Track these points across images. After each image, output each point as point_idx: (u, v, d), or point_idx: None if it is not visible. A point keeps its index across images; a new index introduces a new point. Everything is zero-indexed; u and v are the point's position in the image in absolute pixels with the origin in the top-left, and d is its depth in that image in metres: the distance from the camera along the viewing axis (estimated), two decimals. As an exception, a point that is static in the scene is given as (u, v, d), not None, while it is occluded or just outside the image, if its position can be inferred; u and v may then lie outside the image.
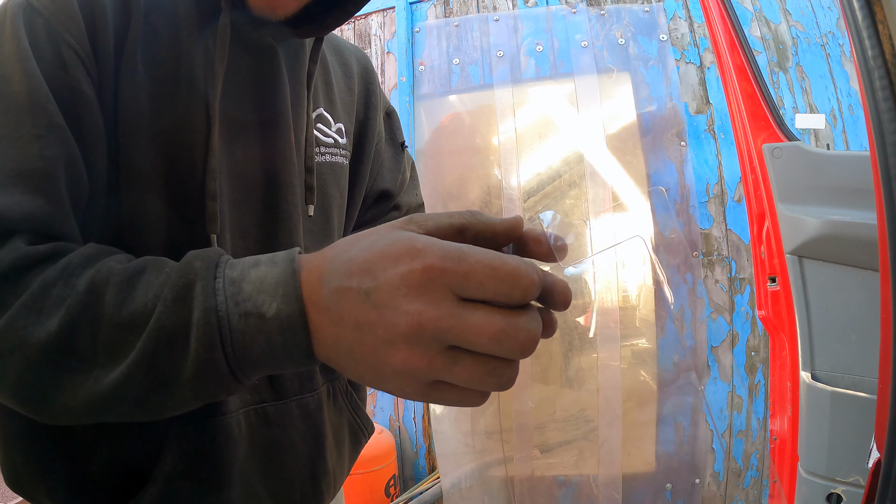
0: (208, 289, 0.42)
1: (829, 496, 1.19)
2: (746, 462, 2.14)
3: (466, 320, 0.35)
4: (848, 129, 2.11)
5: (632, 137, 2.20)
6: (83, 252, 0.48)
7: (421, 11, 2.48)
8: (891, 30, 0.47)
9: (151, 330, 0.42)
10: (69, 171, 0.51)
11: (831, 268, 1.21)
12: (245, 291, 0.41)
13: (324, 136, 0.72)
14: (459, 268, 0.35)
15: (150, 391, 0.43)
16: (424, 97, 2.39)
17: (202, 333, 0.41)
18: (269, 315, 0.40)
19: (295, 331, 0.40)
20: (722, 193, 2.16)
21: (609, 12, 2.27)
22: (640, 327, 2.17)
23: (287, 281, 0.40)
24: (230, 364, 0.41)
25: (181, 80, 0.57)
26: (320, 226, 0.71)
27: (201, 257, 0.44)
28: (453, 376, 0.37)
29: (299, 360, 0.41)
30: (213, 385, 0.42)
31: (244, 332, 0.41)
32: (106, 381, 0.43)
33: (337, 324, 0.39)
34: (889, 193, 0.47)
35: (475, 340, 0.35)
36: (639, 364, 2.17)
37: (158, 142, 0.56)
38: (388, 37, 2.52)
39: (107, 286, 0.44)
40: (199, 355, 0.41)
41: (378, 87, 0.85)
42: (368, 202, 0.84)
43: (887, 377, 0.52)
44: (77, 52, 0.52)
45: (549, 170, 2.27)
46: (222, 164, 0.59)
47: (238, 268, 0.43)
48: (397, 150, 0.88)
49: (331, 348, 0.40)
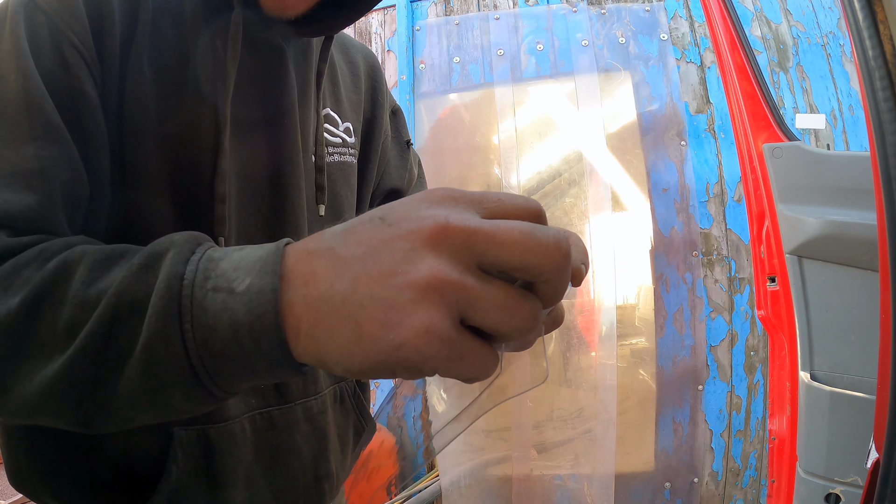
0: (180, 257, 0.37)
1: (828, 496, 1.19)
2: (745, 462, 2.14)
3: (498, 228, 0.31)
4: (848, 129, 2.11)
5: (632, 136, 2.20)
6: (65, 239, 0.45)
7: (421, 10, 2.48)
8: (891, 30, 0.47)
9: (110, 296, 0.37)
10: (67, 171, 0.50)
11: (831, 268, 1.21)
12: (221, 268, 0.36)
13: (331, 135, 0.71)
14: (484, 198, 0.33)
15: (100, 376, 0.37)
16: (425, 95, 2.39)
17: (159, 299, 0.35)
18: (240, 290, 0.34)
19: (264, 309, 0.33)
20: (722, 193, 2.16)
21: (610, 11, 2.27)
22: (639, 326, 2.17)
23: (268, 257, 0.35)
24: (187, 346, 0.35)
25: (188, 81, 0.56)
26: (331, 225, 0.70)
27: (185, 234, 0.40)
28: (487, 300, 0.31)
29: (269, 352, 0.34)
30: (164, 374, 0.35)
31: (209, 308, 0.34)
32: (59, 361, 0.37)
33: (332, 275, 0.32)
34: (889, 194, 0.47)
35: (508, 253, 0.31)
36: (638, 363, 2.17)
37: (165, 143, 0.55)
38: (388, 35, 2.52)
39: (79, 265, 0.40)
40: (150, 326, 0.35)
41: (384, 85, 0.84)
42: (376, 201, 0.84)
43: (886, 377, 0.52)
44: (80, 51, 0.51)
45: (549, 168, 2.27)
46: (230, 166, 0.59)
47: (222, 249, 0.38)
48: (403, 149, 0.88)
49: (317, 312, 0.32)
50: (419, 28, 2.45)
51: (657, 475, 2.16)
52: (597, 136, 2.21)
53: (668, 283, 2.15)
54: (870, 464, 0.64)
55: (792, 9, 2.18)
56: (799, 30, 2.16)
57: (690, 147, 2.17)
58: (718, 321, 2.14)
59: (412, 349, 0.31)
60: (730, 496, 2.14)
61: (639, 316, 2.18)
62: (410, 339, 0.30)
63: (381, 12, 2.52)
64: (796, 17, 2.17)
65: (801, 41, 2.16)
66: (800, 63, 2.15)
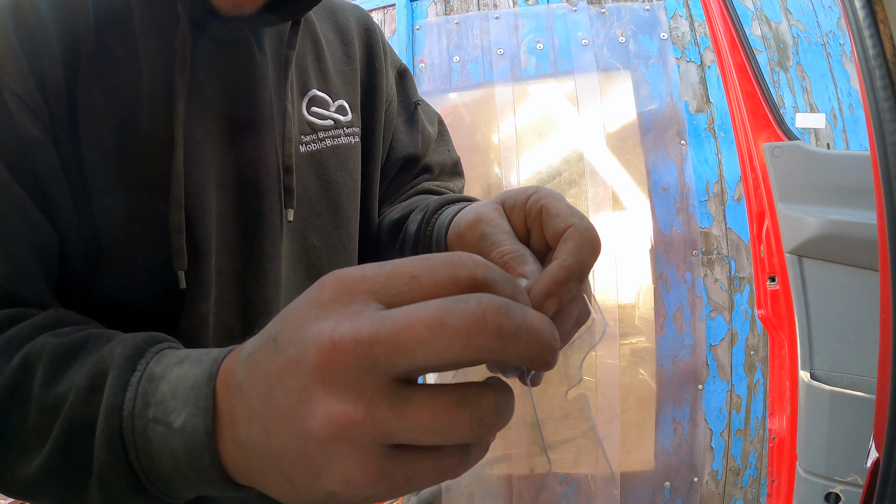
0: (120, 382, 0.36)
1: (828, 495, 1.19)
2: (745, 461, 2.14)
3: (398, 326, 0.25)
4: (848, 128, 2.11)
5: (632, 136, 2.20)
6: (35, 322, 0.44)
7: (421, 9, 2.48)
8: (892, 29, 0.47)
9: (63, 419, 0.37)
10: (23, 225, 0.47)
11: (831, 267, 1.21)
12: (160, 391, 0.34)
13: (320, 119, 0.65)
14: (392, 277, 0.28)
15: (69, 486, 0.38)
16: (424, 95, 2.38)
17: (101, 432, 0.35)
18: (176, 426, 0.33)
19: (199, 451, 0.32)
20: (722, 192, 2.16)
21: (610, 10, 2.27)
22: (639, 326, 2.17)
23: (201, 386, 0.33)
24: (137, 474, 0.35)
25: (143, 101, 0.52)
26: (328, 219, 0.66)
27: (126, 343, 0.38)
28: (409, 427, 0.26)
29: (212, 484, 0.33)
30: (124, 495, 0.36)
31: (151, 440, 0.34)
32: (32, 465, 0.38)
33: (246, 418, 0.30)
34: (889, 193, 0.47)
35: (421, 357, 0.25)
36: (638, 363, 2.17)
37: (125, 171, 0.51)
38: (388, 34, 2.51)
39: (38, 363, 0.40)
40: (99, 457, 0.35)
41: (382, 45, 0.76)
42: (391, 174, 0.77)
43: (886, 377, 0.52)
44: (20, 96, 0.47)
45: (549, 168, 2.27)
46: (206, 179, 0.55)
47: (164, 361, 0.36)
48: (411, 112, 0.80)
49: (247, 458, 0.31)
50: (419, 27, 2.45)
51: (657, 474, 2.16)
52: (597, 135, 2.21)
53: (668, 283, 2.16)
54: (870, 463, 0.64)
55: (792, 8, 2.18)
56: (799, 29, 2.16)
57: (690, 146, 2.17)
58: (718, 320, 2.14)
59: (346, 495, 0.28)
60: (730, 495, 2.14)
61: (639, 315, 2.18)
62: (339, 489, 0.27)
63: (380, 11, 2.52)
64: (796, 16, 2.17)
65: (801, 40, 2.16)
66: (800, 62, 2.15)
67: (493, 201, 0.47)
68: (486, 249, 0.43)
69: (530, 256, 0.42)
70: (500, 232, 0.44)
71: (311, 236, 0.65)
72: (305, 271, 0.65)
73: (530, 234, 0.45)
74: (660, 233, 2.16)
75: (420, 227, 0.59)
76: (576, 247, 0.39)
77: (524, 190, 0.45)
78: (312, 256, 0.65)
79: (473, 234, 0.45)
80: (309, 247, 0.65)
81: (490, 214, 0.46)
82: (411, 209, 0.67)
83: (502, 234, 0.44)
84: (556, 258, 0.39)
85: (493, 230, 0.44)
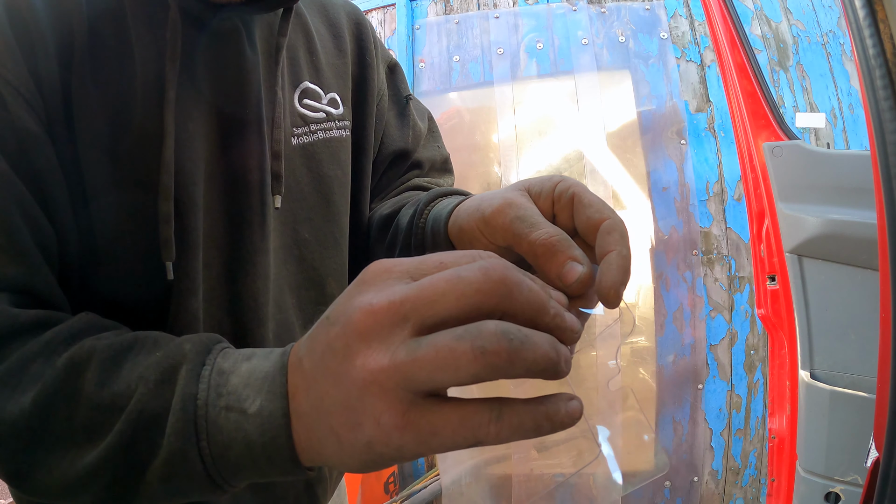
0: (193, 374, 0.38)
1: (828, 495, 1.19)
2: (745, 460, 2.14)
3: (423, 286, 0.31)
4: (848, 128, 2.11)
5: (632, 135, 2.20)
6: (71, 326, 0.45)
7: (421, 8, 2.48)
8: (892, 29, 0.47)
9: (131, 412, 0.39)
10: (25, 220, 0.47)
11: (831, 267, 1.21)
12: (231, 384, 0.37)
13: (312, 111, 0.65)
14: (423, 263, 0.33)
15: (123, 478, 0.39)
16: (424, 94, 2.39)
17: (176, 420, 0.37)
18: (252, 411, 0.36)
19: (276, 432, 0.35)
20: (722, 192, 2.16)
21: (610, 10, 2.27)
22: (639, 325, 2.17)
23: (275, 374, 0.36)
24: (205, 461, 0.37)
25: (135, 91, 0.52)
26: (319, 212, 0.66)
27: (193, 340, 0.41)
28: (422, 367, 0.29)
29: (281, 466, 0.36)
30: (184, 482, 0.38)
31: (224, 427, 0.36)
32: (81, 462, 0.40)
33: (306, 387, 0.34)
34: (889, 193, 0.47)
35: (442, 307, 0.30)
36: (638, 362, 2.17)
37: (120, 168, 0.51)
38: (388, 34, 2.51)
39: (89, 364, 0.41)
40: (170, 444, 0.37)
41: (372, 41, 0.76)
42: (381, 168, 0.77)
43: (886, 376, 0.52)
44: (17, 88, 0.47)
45: (549, 167, 2.27)
46: (197, 171, 0.54)
47: (231, 358, 0.39)
48: (403, 106, 0.80)
49: (307, 428, 0.34)
50: (419, 27, 2.45)
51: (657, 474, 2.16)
52: (596, 134, 2.21)
53: (668, 282, 2.16)
54: (870, 462, 0.64)
55: (792, 7, 2.17)
56: (799, 28, 2.16)
57: (690, 146, 2.17)
58: (718, 320, 2.14)
59: (380, 444, 0.31)
60: (730, 495, 2.14)
61: (639, 315, 2.18)
62: (374, 435, 0.31)
63: (380, 11, 2.52)
64: (796, 15, 2.17)
65: (802, 40, 2.16)
66: (800, 62, 2.14)
67: (516, 188, 0.47)
68: (524, 231, 0.43)
69: (572, 240, 0.42)
70: (535, 214, 0.44)
71: (303, 229, 0.65)
72: (296, 265, 0.65)
73: (555, 221, 0.45)
74: (660, 232, 2.16)
75: (413, 220, 0.59)
76: (622, 239, 0.41)
77: (549, 178, 0.46)
78: (303, 250, 0.65)
79: (504, 218, 0.45)
80: (300, 240, 0.65)
81: (520, 199, 0.46)
82: (402, 204, 0.66)
83: (538, 217, 0.44)
84: (607, 249, 0.40)
85: (528, 213, 0.44)
